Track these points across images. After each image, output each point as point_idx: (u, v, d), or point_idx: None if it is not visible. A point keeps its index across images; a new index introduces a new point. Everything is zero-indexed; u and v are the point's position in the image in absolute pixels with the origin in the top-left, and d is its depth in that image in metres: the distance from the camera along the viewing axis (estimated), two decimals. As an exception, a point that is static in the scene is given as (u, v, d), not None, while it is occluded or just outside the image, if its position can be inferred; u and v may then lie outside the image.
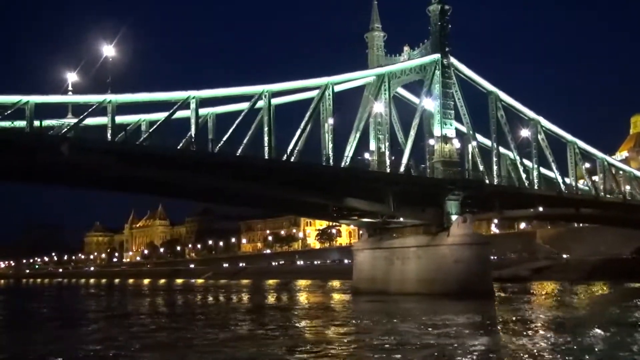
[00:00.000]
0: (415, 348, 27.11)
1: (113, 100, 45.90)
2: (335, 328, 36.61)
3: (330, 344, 29.39)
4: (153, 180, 47.47)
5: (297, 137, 53.25)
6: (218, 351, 27.36)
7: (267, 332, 34.02)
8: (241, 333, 34.53)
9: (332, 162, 54.72)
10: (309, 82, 55.79)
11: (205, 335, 32.88)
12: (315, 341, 30.18)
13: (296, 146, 52.89)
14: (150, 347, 29.12)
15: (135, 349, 28.40)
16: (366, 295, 63.98)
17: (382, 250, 66.36)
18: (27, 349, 29.15)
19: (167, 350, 28.50)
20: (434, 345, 27.92)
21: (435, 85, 62.71)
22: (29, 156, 41.51)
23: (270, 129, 52.20)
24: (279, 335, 32.88)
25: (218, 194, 53.88)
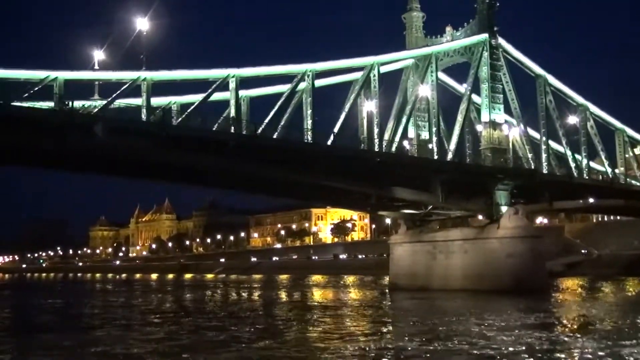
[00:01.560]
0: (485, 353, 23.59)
1: (148, 78, 41.78)
2: (392, 328, 33.13)
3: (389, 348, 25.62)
4: (192, 168, 43.41)
5: (341, 121, 49.20)
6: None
7: (320, 333, 30.54)
8: (291, 333, 30.91)
9: (377, 148, 50.71)
10: (353, 61, 51.78)
11: (260, 335, 29.53)
12: (382, 347, 26.21)
13: (335, 131, 48.95)
14: (215, 346, 25.98)
15: (205, 349, 25.32)
16: (405, 291, 60.05)
17: (423, 244, 62.38)
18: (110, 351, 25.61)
19: (235, 351, 25.00)
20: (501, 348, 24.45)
21: (483, 68, 58.57)
22: (58, 138, 37.50)
23: (313, 112, 48.10)
24: (337, 336, 29.26)
25: (260, 183, 49.78)
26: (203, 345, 26.54)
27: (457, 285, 57.24)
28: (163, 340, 27.86)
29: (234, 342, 26.77)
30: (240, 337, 28.36)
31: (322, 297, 59.85)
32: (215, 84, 44.39)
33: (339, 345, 25.90)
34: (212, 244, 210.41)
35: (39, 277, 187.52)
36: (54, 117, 36.91)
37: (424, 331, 29.47)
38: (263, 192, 55.85)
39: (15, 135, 36.70)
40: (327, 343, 26.78)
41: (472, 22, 60.74)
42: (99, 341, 27.71)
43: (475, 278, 56.47)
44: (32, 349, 26.48)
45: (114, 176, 49.99)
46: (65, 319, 41.17)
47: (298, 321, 36.36)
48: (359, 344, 26.28)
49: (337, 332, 30.73)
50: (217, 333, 29.81)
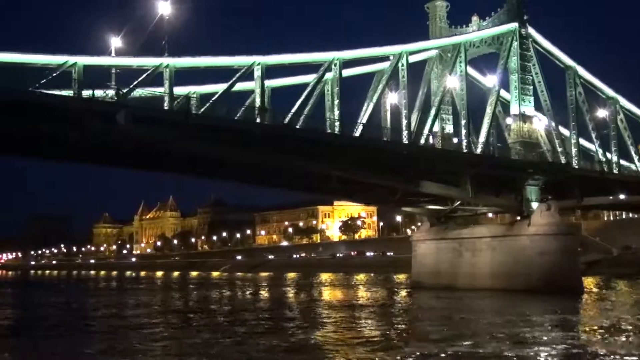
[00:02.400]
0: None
1: (170, 65, 39.58)
2: (429, 329, 31.10)
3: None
4: (216, 160, 41.24)
5: (369, 112, 47.07)
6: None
7: (355, 336, 28.65)
8: (327, 337, 28.90)
9: (405, 139, 48.56)
10: (381, 50, 49.63)
11: (298, 337, 28.04)
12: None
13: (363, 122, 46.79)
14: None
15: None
16: (429, 290, 57.89)
17: (448, 241, 60.14)
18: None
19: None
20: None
21: (512, 58, 56.31)
22: (78, 127, 35.31)
23: (341, 102, 45.96)
24: (377, 340, 27.45)
25: (284, 176, 47.56)
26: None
27: (485, 284, 55.09)
28: (192, 346, 25.98)
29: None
30: (279, 344, 26.36)
31: (342, 297, 57.68)
32: (239, 72, 42.20)
33: (379, 350, 24.30)
34: (218, 242, 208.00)
35: (42, 274, 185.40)
36: (74, 104, 34.71)
37: (462, 335, 27.60)
38: (285, 186, 53.70)
39: (33, 124, 34.60)
40: (366, 347, 25.11)
41: (501, 11, 58.42)
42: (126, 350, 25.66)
43: (505, 277, 54.29)
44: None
45: (134, 169, 47.79)
46: (79, 321, 38.87)
47: (331, 323, 34.30)
48: (395, 349, 24.62)
49: (374, 335, 29.25)
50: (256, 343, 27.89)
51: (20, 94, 33.20)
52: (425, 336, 27.83)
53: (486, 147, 53.23)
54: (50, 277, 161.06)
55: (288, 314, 40.31)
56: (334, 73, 46.36)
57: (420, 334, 28.86)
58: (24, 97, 33.40)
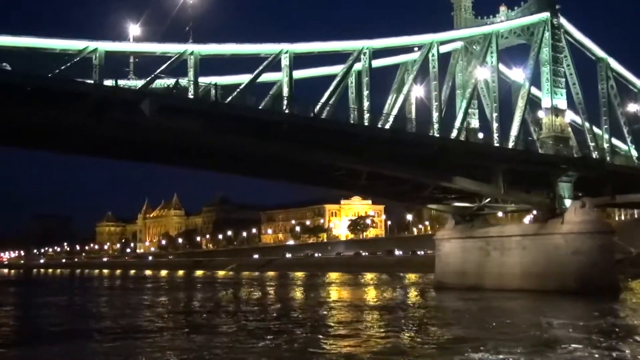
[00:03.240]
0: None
1: (195, 52, 37.35)
2: (460, 333, 29.03)
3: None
4: (242, 154, 39.02)
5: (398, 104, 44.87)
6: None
7: (387, 339, 27.18)
8: (359, 341, 26.99)
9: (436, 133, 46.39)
10: (411, 39, 47.42)
11: (328, 341, 26.41)
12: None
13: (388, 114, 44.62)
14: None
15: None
16: (454, 291, 55.71)
17: (474, 240, 57.86)
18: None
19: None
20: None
21: (544, 49, 54.09)
22: (98, 117, 33.09)
23: (371, 93, 43.77)
24: (408, 345, 26.01)
25: (309, 172, 45.32)
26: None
27: (514, 284, 52.79)
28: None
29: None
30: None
31: (364, 298, 55.43)
32: (265, 61, 39.99)
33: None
34: (224, 240, 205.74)
35: (45, 273, 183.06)
36: (97, 91, 32.48)
37: (501, 340, 25.63)
38: (312, 182, 51.42)
39: (52, 112, 32.39)
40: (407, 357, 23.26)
41: (530, 1, 56.20)
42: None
43: (536, 277, 52.02)
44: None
45: (154, 162, 45.64)
46: (85, 323, 36.49)
47: (364, 328, 32.08)
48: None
49: (405, 338, 27.62)
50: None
51: (41, 79, 31.00)
52: (463, 342, 25.80)
53: (518, 142, 50.99)
54: (53, 275, 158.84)
55: (314, 316, 38.03)
56: (363, 63, 44.13)
57: (459, 340, 26.80)
58: (44, 83, 31.21)
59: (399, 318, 36.39)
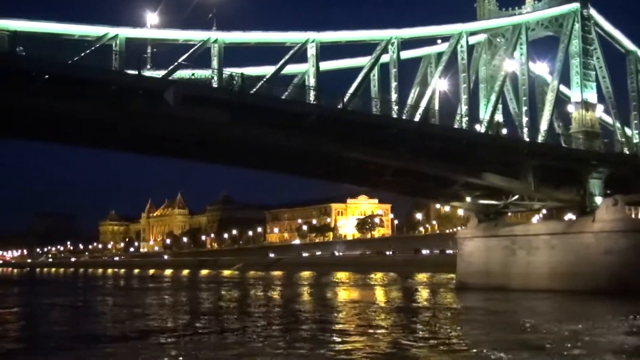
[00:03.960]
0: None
1: (219, 40, 35.51)
2: (496, 336, 27.32)
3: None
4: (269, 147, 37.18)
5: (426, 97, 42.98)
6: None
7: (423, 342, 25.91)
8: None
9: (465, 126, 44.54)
10: (440, 29, 45.59)
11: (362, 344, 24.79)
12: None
13: (416, 106, 42.73)
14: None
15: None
16: (478, 291, 53.80)
17: (499, 239, 55.95)
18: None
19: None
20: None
21: (573, 41, 52.16)
22: (120, 107, 31.29)
23: (399, 85, 41.95)
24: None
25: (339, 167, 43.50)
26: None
27: (542, 284, 50.94)
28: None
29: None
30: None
31: (383, 299, 53.55)
32: (290, 51, 38.16)
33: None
34: (229, 240, 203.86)
35: (48, 272, 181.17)
36: (119, 79, 30.65)
37: (540, 345, 23.89)
38: (335, 178, 49.63)
39: (70, 102, 30.58)
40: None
41: (558, -9, 54.27)
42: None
43: (565, 277, 50.14)
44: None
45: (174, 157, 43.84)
46: (91, 326, 34.46)
47: (391, 329, 30.39)
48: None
49: (440, 342, 25.71)
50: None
51: (59, 66, 29.16)
52: (502, 346, 24.05)
53: (548, 137, 49.12)
54: (56, 274, 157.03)
55: (337, 318, 36.16)
56: (390, 53, 42.27)
57: (498, 343, 25.13)
58: (62, 70, 29.39)
59: (429, 320, 34.54)
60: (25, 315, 41.89)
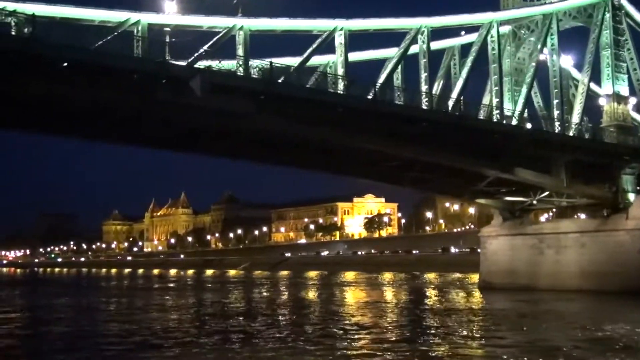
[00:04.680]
0: None
1: (245, 27, 33.58)
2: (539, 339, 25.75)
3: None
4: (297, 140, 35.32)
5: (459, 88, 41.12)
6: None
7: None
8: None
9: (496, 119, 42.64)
10: (470, 17, 43.64)
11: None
12: None
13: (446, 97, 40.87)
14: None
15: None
16: (503, 291, 52.05)
17: (525, 237, 54.14)
18: None
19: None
20: None
21: (604, 32, 50.29)
22: (144, 96, 29.40)
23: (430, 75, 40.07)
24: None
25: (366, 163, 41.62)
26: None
27: (573, 284, 49.12)
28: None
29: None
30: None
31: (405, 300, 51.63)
32: (318, 39, 36.28)
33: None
34: (234, 239, 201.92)
35: (51, 272, 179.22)
36: (143, 67, 28.76)
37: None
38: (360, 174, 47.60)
39: (89, 91, 28.69)
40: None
41: (588, -20, 52.34)
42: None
43: (597, 277, 48.31)
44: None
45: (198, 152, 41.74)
46: (98, 329, 32.66)
47: (422, 333, 28.69)
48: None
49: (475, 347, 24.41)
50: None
51: (79, 52, 27.25)
52: (542, 350, 22.78)
53: (579, 131, 47.24)
54: (60, 274, 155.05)
55: (360, 321, 34.18)
56: (420, 42, 40.39)
57: (536, 347, 23.72)
58: (82, 56, 27.48)
59: (456, 323, 32.83)
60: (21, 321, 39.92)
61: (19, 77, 27.22)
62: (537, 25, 51.13)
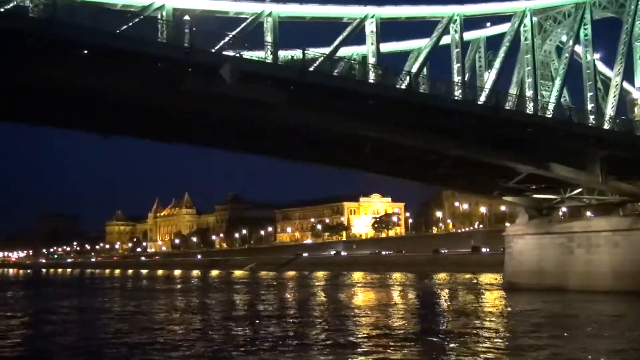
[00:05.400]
0: None
1: (274, 14, 31.70)
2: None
3: None
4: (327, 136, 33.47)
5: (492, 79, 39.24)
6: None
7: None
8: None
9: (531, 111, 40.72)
10: (503, 6, 41.74)
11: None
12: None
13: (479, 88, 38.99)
14: None
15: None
16: (530, 292, 50.11)
17: (554, 236, 52.12)
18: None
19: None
20: None
21: (637, 22, 48.34)
22: (170, 84, 27.52)
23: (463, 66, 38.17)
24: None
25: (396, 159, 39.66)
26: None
27: (604, 285, 47.14)
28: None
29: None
30: None
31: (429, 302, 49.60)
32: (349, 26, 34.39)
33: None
34: (239, 239, 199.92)
35: (55, 272, 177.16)
36: (169, 53, 26.84)
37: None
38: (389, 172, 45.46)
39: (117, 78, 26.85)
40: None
41: (621, -31, 50.40)
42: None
43: (630, 277, 46.35)
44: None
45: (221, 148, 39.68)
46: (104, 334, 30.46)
47: (461, 337, 26.62)
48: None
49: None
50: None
51: (101, 37, 25.33)
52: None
53: (613, 125, 45.31)
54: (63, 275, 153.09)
55: (392, 324, 32.36)
56: (452, 32, 38.53)
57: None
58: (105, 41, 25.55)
59: (491, 326, 30.90)
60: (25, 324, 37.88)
61: (37, 64, 25.37)
62: (565, 16, 49.31)
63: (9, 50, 23.94)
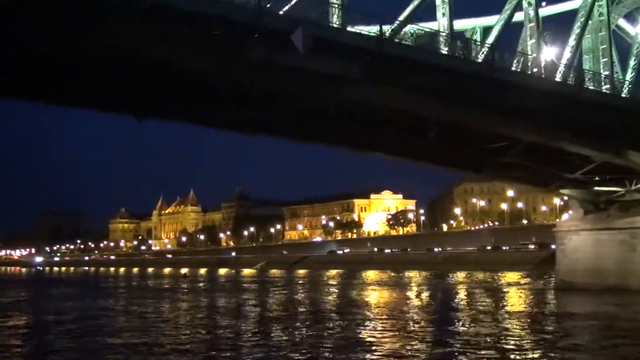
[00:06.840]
0: None
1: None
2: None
3: None
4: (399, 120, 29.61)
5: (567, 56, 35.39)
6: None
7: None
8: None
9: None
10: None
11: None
12: None
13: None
14: None
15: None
16: (587, 293, 46.39)
17: (612, 232, 48.28)
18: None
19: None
20: None
21: None
22: (233, 54, 23.65)
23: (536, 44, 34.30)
24: None
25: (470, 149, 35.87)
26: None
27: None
28: None
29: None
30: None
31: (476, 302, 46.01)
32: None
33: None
34: (247, 237, 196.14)
35: (58, 271, 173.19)
36: (235, 14, 22.91)
37: None
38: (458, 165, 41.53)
39: (165, 49, 22.96)
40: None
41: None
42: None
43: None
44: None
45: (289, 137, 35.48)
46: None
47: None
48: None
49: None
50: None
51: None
52: None
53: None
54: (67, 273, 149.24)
55: (456, 325, 29.58)
56: (526, 4, 34.73)
57: None
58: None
59: (560, 332, 27.68)
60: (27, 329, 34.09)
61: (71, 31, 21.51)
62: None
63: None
